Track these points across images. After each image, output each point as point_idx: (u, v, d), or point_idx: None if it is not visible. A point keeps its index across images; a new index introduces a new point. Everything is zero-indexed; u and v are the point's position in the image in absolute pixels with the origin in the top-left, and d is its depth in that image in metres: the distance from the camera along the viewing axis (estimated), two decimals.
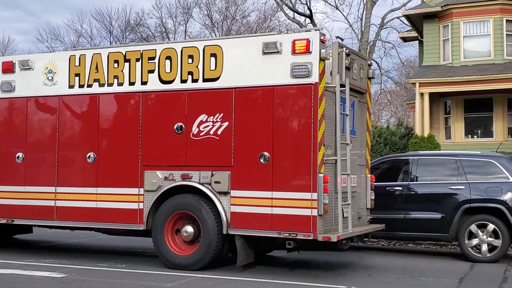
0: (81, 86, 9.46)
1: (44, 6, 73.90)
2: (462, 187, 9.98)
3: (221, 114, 8.36)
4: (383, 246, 11.94)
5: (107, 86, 9.25)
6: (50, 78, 9.75)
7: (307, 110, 7.81)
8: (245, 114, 8.23)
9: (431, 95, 20.93)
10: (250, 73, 8.22)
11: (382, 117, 49.65)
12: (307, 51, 7.82)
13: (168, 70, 8.80)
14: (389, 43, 35.64)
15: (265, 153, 8.03)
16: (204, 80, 8.54)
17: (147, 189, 8.77)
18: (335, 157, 8.05)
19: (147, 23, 38.39)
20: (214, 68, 8.47)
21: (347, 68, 8.55)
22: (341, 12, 44.40)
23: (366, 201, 9.46)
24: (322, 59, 7.82)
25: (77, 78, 9.52)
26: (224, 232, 8.21)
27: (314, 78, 7.81)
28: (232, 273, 8.27)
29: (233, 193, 8.21)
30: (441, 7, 21.44)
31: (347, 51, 8.52)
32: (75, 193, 9.37)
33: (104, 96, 9.26)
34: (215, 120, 8.40)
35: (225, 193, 8.24)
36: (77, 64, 9.51)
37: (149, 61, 8.94)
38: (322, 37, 7.84)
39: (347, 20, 50.49)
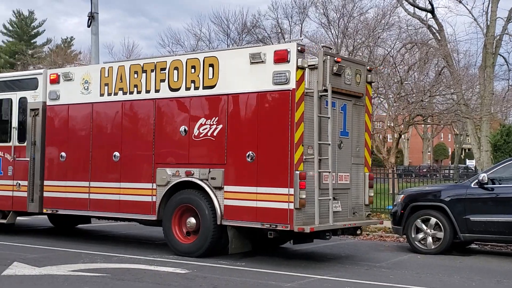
0: (109, 94, 11.02)
1: (166, 12, 78.69)
2: None
3: (217, 118, 9.52)
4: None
5: (129, 94, 10.72)
6: (86, 87, 11.41)
7: (285, 113, 8.76)
8: (235, 117, 9.33)
9: None
10: (240, 80, 9.30)
11: (510, 115, 47.20)
12: (286, 60, 8.77)
13: (175, 79, 10.09)
14: None
15: (251, 152, 9.08)
16: (204, 87, 9.73)
17: (158, 184, 10.13)
18: (313, 156, 8.90)
19: (263, 24, 38.33)
20: (211, 77, 9.65)
21: (337, 74, 9.36)
22: (465, 6, 41.61)
23: (364, 198, 10.19)
24: (299, 68, 8.72)
25: (106, 87, 11.09)
26: (218, 223, 9.35)
27: (292, 85, 8.75)
28: (353, 276, 8.32)
29: (226, 188, 9.33)
30: None
31: (336, 58, 9.33)
32: (104, 187, 10.94)
33: (126, 103, 10.74)
34: (211, 123, 9.57)
35: (220, 188, 9.39)
36: (106, 75, 11.08)
37: (161, 72, 10.29)
38: (299, 48, 8.74)
39: (471, 14, 47.76)
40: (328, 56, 9.20)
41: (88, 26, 16.33)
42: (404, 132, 27.98)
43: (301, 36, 38.44)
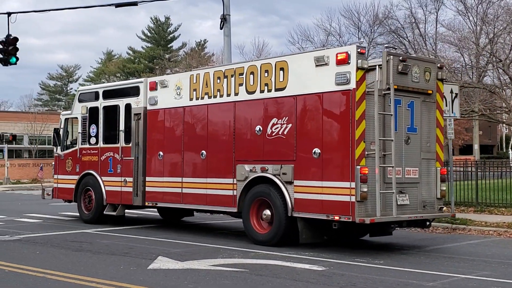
0: (197, 98, 12.46)
1: (297, 9, 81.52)
2: None
3: (287, 117, 10.53)
4: None
5: (213, 98, 12.07)
6: (178, 93, 12.96)
7: (347, 112, 9.54)
8: (303, 117, 10.28)
9: None
10: (307, 82, 10.23)
11: None
12: (346, 62, 9.54)
13: (251, 83, 11.25)
14: None
15: (317, 149, 9.97)
16: (276, 89, 10.79)
17: (238, 179, 11.35)
18: (374, 152, 9.57)
19: (395, 15, 37.34)
20: (282, 80, 10.67)
21: (403, 73, 9.96)
22: None
23: (436, 192, 10.64)
24: (359, 68, 9.46)
25: (194, 92, 12.55)
26: (289, 215, 10.35)
27: (352, 85, 9.51)
28: (500, 275, 8.12)
29: (296, 182, 10.31)
30: None
31: (401, 58, 9.94)
32: (193, 182, 12.41)
33: (210, 106, 12.10)
34: (282, 123, 10.60)
35: (290, 183, 10.38)
36: (194, 81, 12.54)
37: (239, 76, 11.50)
38: (359, 50, 9.48)
39: None
40: (391, 56, 9.82)
41: (221, 28, 16.98)
42: None
43: (436, 25, 36.96)
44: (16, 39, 18.40)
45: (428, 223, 10.80)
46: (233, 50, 18.23)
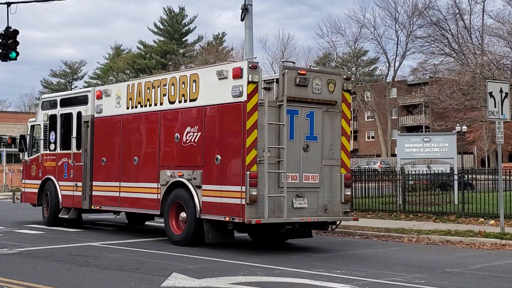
0: (132, 107, 13.93)
1: None
2: None
3: (197, 126, 11.92)
4: None
5: (144, 107, 13.52)
6: (118, 102, 14.45)
7: (239, 122, 10.88)
8: (208, 126, 11.67)
9: None
10: (212, 94, 11.60)
11: None
12: (240, 76, 10.88)
13: (172, 93, 12.66)
14: None
15: (218, 156, 11.33)
16: (190, 100, 12.18)
17: (161, 183, 12.76)
18: (267, 158, 10.85)
19: (437, 5, 36.46)
20: (194, 91, 12.06)
21: (301, 85, 11.24)
22: None
23: (341, 196, 11.85)
24: (250, 82, 10.78)
25: (130, 101, 14.02)
26: (197, 217, 11.71)
27: (244, 97, 10.85)
28: None
29: (204, 187, 11.68)
30: None
31: (299, 71, 11.24)
32: (128, 186, 13.86)
33: (142, 114, 13.56)
34: (194, 131, 11.98)
35: (199, 187, 11.75)
36: (130, 91, 14.02)
37: (164, 87, 12.93)
38: (250, 65, 10.81)
39: None
40: (287, 70, 11.12)
41: (242, 20, 15.97)
42: None
43: (483, 16, 35.19)
44: (16, 32, 17.11)
45: (334, 226, 12.01)
46: (255, 44, 17.12)
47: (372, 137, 71.58)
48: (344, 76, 12.05)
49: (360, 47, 63.23)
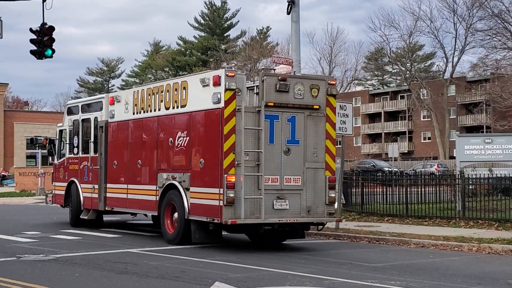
0: (137, 113, 14.85)
1: None
2: None
3: (186, 131, 12.65)
4: None
5: (146, 112, 14.40)
6: (126, 107, 15.42)
7: (217, 127, 11.53)
8: (195, 131, 12.38)
9: None
10: (198, 100, 12.30)
11: None
12: (218, 83, 11.52)
13: (168, 99, 13.45)
14: None
15: (202, 159, 12.02)
16: (181, 106, 12.93)
17: (159, 186, 13.58)
18: (245, 161, 11.42)
19: None
20: (184, 98, 12.80)
21: (282, 91, 11.77)
22: None
23: (325, 198, 12.27)
24: (227, 89, 11.41)
25: (135, 107, 14.95)
26: (186, 218, 12.43)
27: (222, 104, 11.48)
28: None
29: (191, 189, 12.40)
30: None
31: (280, 77, 11.79)
32: (134, 188, 14.79)
33: (144, 119, 14.44)
34: (184, 136, 12.73)
35: (188, 189, 12.48)
36: (136, 97, 14.94)
37: (161, 93, 13.75)
38: (227, 73, 11.43)
39: None
40: (266, 77, 11.68)
41: (288, 13, 15.45)
42: None
43: None
44: (52, 29, 16.60)
45: (320, 227, 12.45)
46: (301, 38, 16.33)
47: (429, 138, 69.94)
48: (329, 81, 12.45)
49: (416, 41, 61.99)
